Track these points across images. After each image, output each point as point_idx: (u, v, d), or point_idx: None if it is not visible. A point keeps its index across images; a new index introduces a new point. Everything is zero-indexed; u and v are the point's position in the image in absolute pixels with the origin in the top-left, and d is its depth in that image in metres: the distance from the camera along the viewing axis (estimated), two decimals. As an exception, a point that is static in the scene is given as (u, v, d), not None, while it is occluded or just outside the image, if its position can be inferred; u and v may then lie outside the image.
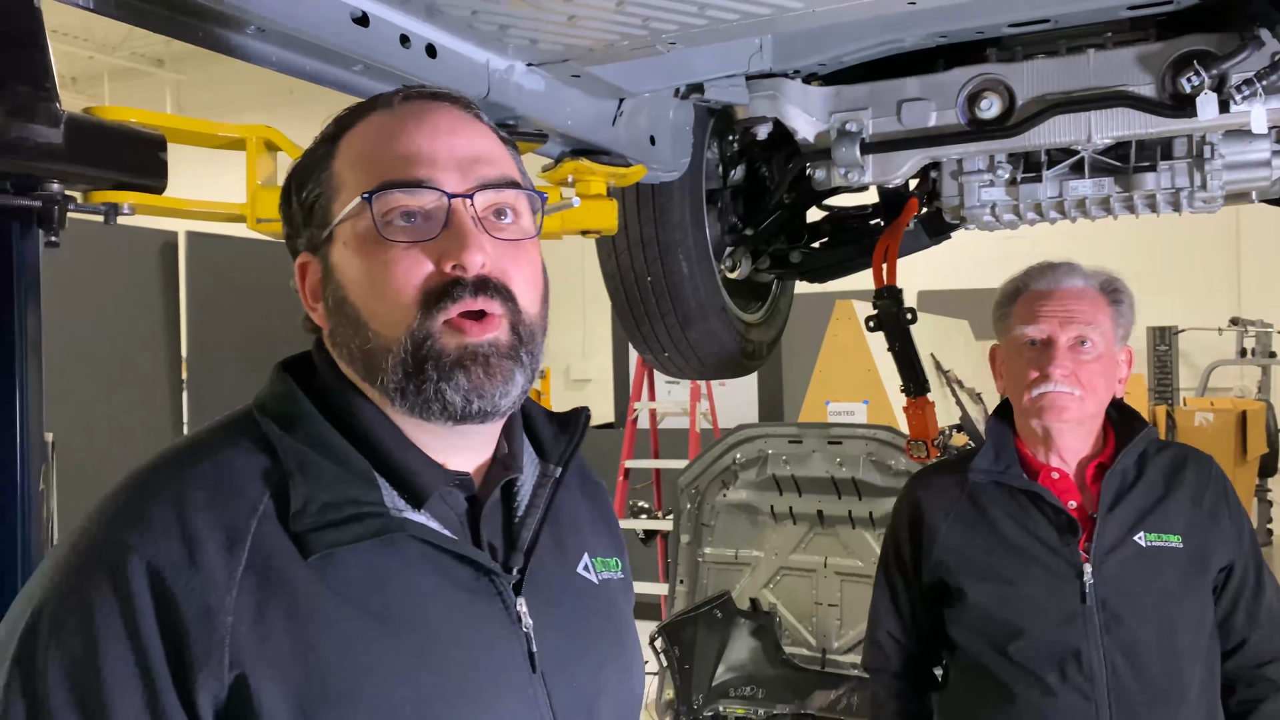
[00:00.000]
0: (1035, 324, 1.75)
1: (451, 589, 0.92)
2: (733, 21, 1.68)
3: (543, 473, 1.02)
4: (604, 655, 1.03)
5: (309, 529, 0.87)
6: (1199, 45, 2.15)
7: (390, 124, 0.95)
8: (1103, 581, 1.70)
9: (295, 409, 0.93)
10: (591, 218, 2.19)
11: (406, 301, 0.90)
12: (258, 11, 1.40)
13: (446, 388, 0.90)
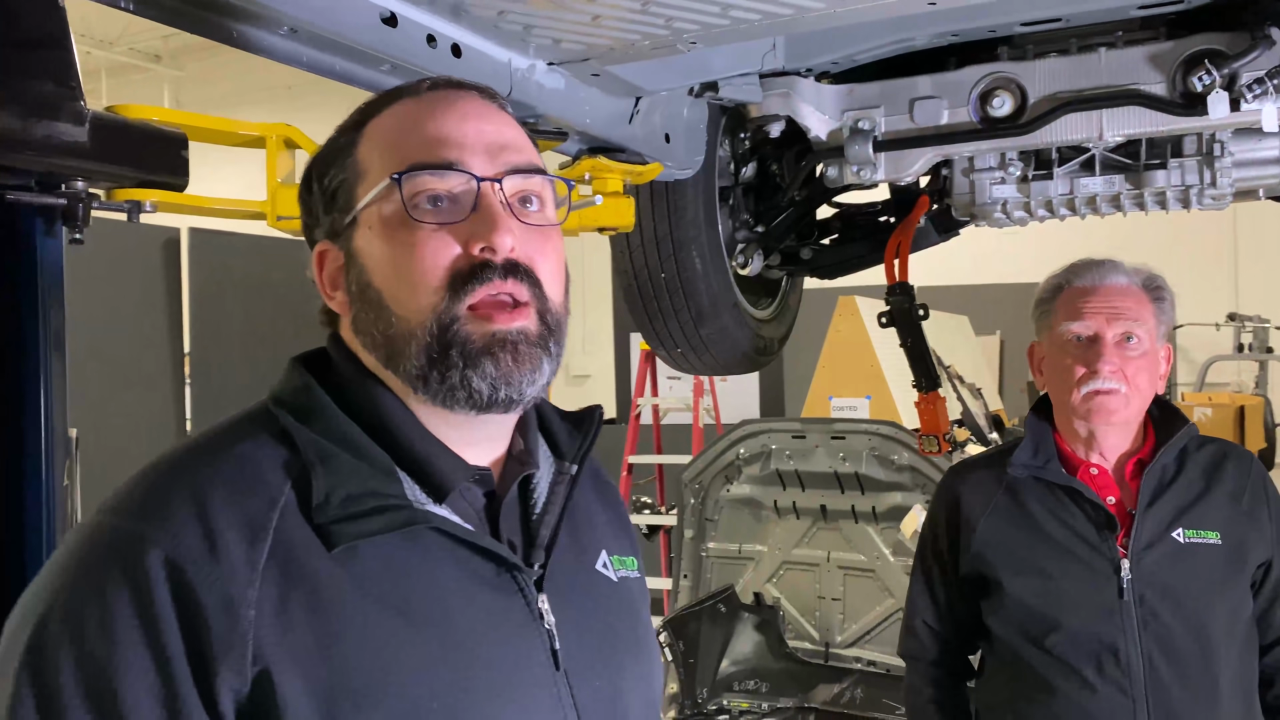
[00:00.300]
0: (1081, 320, 1.75)
1: (473, 584, 0.90)
2: (754, 21, 1.71)
3: (558, 470, 1.01)
4: (625, 655, 1.01)
5: (332, 521, 0.85)
6: (1210, 44, 2.17)
7: (417, 110, 0.94)
8: (1140, 577, 1.70)
9: (312, 402, 0.91)
10: (609, 215, 2.21)
11: (433, 284, 0.89)
12: (291, 13, 1.42)
13: (473, 375, 0.89)
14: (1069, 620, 1.73)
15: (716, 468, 4.81)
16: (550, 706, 0.92)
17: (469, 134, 0.93)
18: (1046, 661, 1.74)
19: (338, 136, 0.97)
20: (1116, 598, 1.71)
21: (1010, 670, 1.80)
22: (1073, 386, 1.73)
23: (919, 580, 1.95)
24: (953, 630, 1.93)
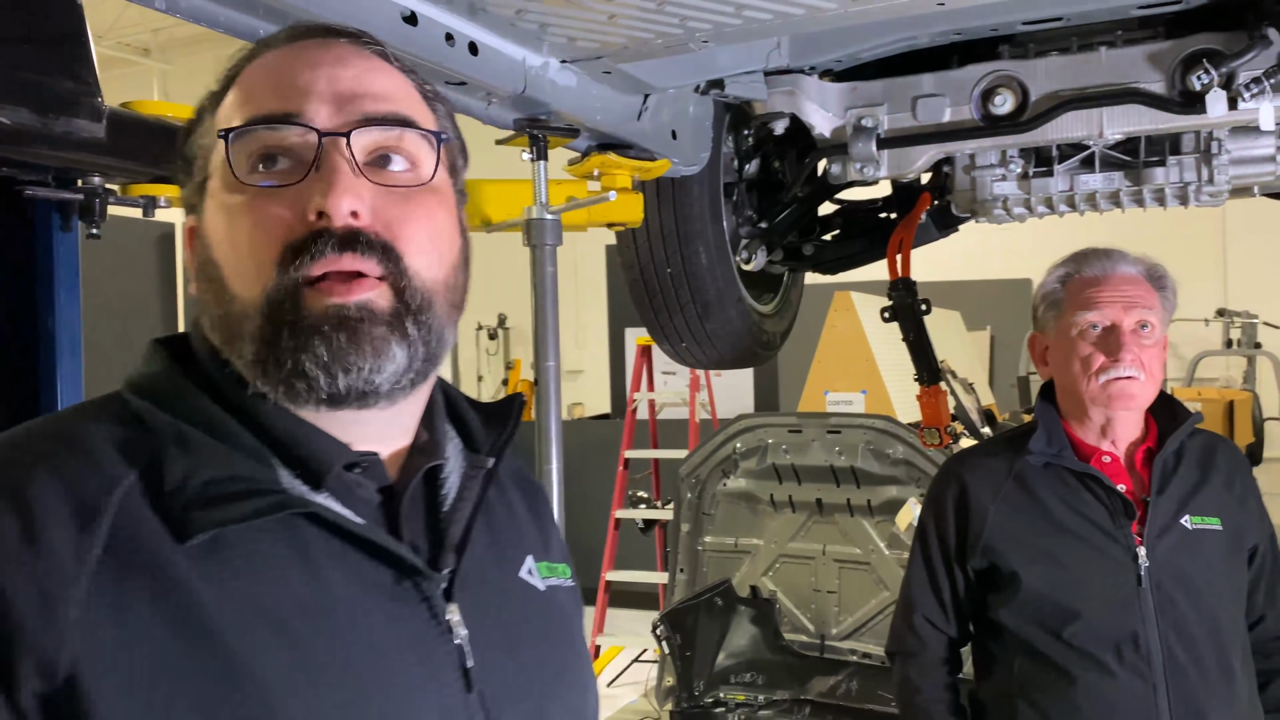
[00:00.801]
0: (1098, 309, 1.76)
1: (365, 591, 0.76)
2: (767, 21, 1.74)
3: (472, 464, 0.88)
4: (552, 673, 0.88)
5: (188, 506, 0.72)
6: (1208, 44, 2.21)
7: (274, 61, 0.82)
8: (1156, 564, 1.72)
9: (172, 385, 0.79)
10: (618, 211, 2.24)
11: (264, 257, 0.76)
12: (316, 12, 1.44)
13: (304, 358, 0.75)
14: (1088, 609, 1.72)
15: (713, 462, 4.84)
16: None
17: (318, 81, 0.79)
18: (1064, 651, 1.73)
19: (202, 101, 0.85)
20: (1135, 585, 1.71)
21: (1023, 662, 1.78)
22: (1091, 375, 1.74)
23: (920, 574, 1.91)
24: (954, 625, 1.90)
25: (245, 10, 1.43)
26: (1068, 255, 1.88)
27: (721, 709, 4.52)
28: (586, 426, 8.39)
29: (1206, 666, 1.72)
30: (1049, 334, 1.85)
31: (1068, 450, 1.80)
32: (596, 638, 5.92)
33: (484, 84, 1.80)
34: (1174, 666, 1.70)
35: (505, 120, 2.01)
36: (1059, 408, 1.85)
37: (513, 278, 10.55)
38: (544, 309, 2.01)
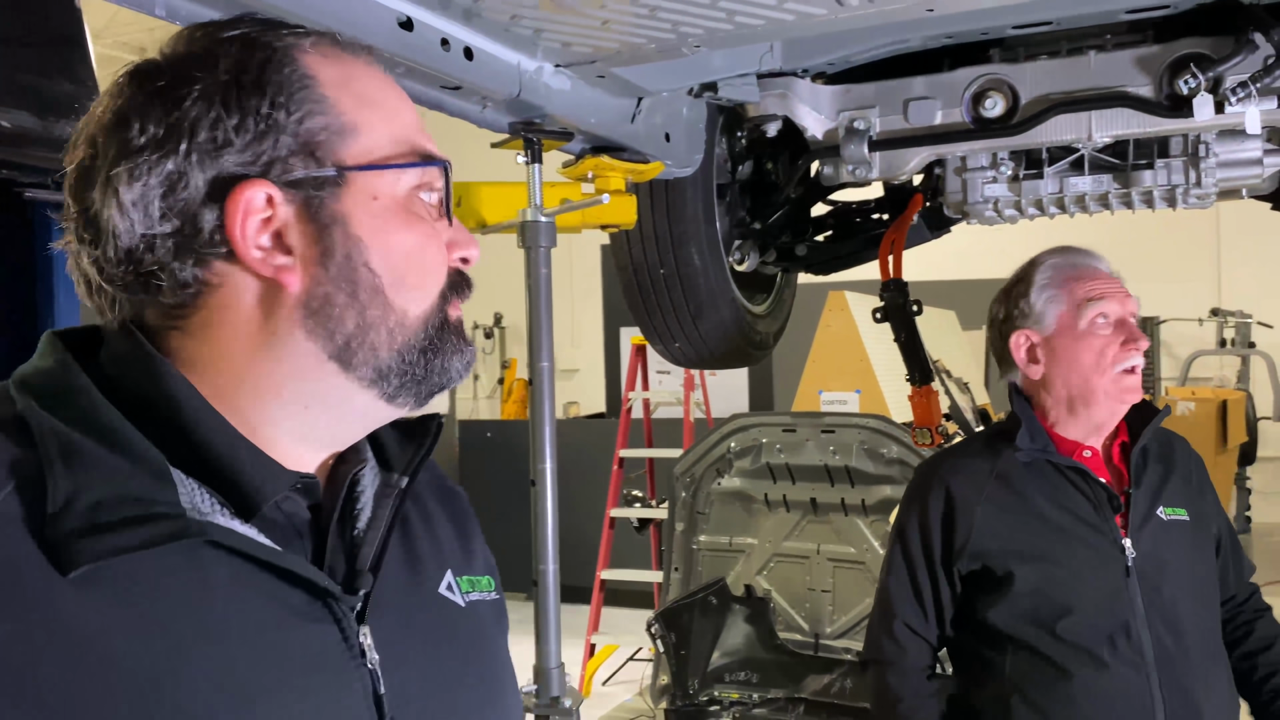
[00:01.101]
0: (1105, 301, 1.77)
1: (275, 615, 0.74)
2: (759, 26, 1.76)
3: (385, 483, 0.87)
4: (472, 691, 0.87)
5: (70, 534, 0.66)
6: (1196, 48, 2.23)
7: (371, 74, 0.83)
8: (1141, 554, 1.74)
9: (67, 383, 0.73)
10: (611, 213, 2.26)
11: (439, 281, 0.81)
12: (314, 18, 1.46)
13: (455, 362, 0.82)
14: (1080, 602, 1.73)
15: (707, 461, 4.86)
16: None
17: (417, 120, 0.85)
18: (1058, 647, 1.72)
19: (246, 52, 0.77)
20: (1124, 576, 1.73)
21: (1016, 661, 1.76)
22: (1106, 368, 1.75)
23: (900, 580, 1.87)
24: (935, 631, 1.87)
25: (243, 16, 1.44)
26: (1043, 253, 1.88)
27: (716, 707, 4.53)
28: (582, 426, 8.41)
29: (1193, 653, 1.74)
30: (1043, 330, 1.82)
31: (1051, 447, 1.81)
32: (592, 636, 5.93)
33: (479, 88, 1.83)
34: (1164, 655, 1.71)
35: (500, 124, 2.03)
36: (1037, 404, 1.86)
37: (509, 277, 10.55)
38: (538, 310, 2.03)
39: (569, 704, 2.10)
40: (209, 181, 0.74)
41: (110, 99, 0.77)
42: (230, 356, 0.77)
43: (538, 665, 2.14)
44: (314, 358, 0.77)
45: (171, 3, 1.36)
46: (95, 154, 0.76)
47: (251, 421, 0.77)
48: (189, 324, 0.77)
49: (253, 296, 0.77)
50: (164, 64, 0.77)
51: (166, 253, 0.75)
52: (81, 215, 0.76)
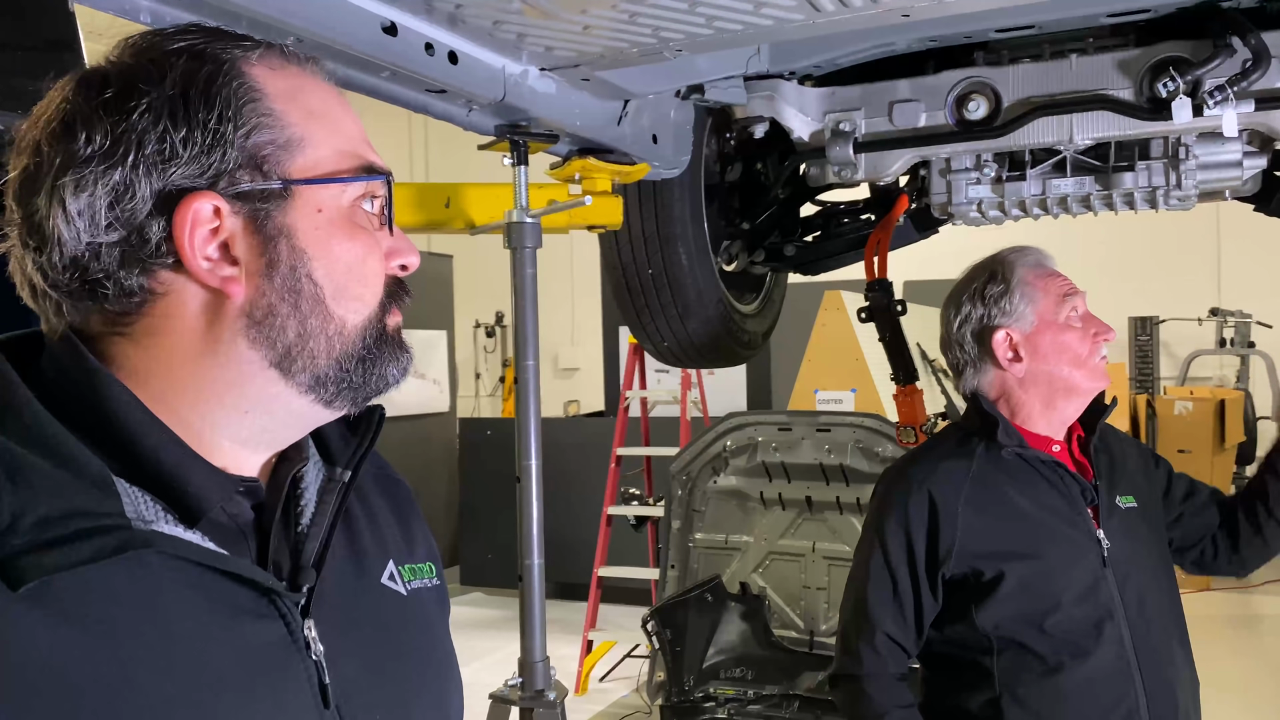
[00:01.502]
0: (1075, 296, 1.84)
1: (219, 617, 0.76)
2: (738, 31, 1.79)
3: (329, 477, 0.89)
4: (415, 677, 0.90)
5: (17, 552, 0.68)
6: (1175, 51, 2.26)
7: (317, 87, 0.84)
8: (1113, 544, 1.78)
9: (10, 398, 0.74)
10: (598, 214, 2.29)
11: (377, 292, 0.84)
12: (298, 24, 1.49)
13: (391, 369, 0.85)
14: (1066, 596, 1.74)
15: (704, 459, 4.88)
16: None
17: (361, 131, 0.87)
18: (1046, 642, 1.73)
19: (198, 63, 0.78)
20: (1101, 565, 1.76)
21: (1005, 661, 1.76)
22: (1085, 359, 1.80)
23: (882, 589, 1.81)
24: (913, 639, 1.83)
25: (229, 21, 1.47)
26: (1008, 253, 1.90)
27: (711, 704, 4.55)
28: (581, 424, 8.43)
29: (1166, 638, 1.78)
30: (1024, 327, 1.83)
31: (1025, 444, 1.82)
32: (589, 633, 5.96)
33: (464, 92, 1.85)
34: (1141, 642, 1.74)
35: (486, 126, 2.06)
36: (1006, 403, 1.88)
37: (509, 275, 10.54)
38: (523, 309, 2.06)
39: (553, 697, 2.13)
40: (156, 193, 0.76)
41: (56, 107, 0.77)
42: (173, 363, 0.78)
43: (523, 659, 2.16)
44: (255, 365, 0.79)
45: (156, 8, 1.39)
46: (41, 161, 0.76)
47: (194, 427, 0.79)
48: (133, 330, 0.78)
49: (197, 305, 0.78)
50: (111, 73, 0.78)
51: (112, 261, 0.76)
52: (26, 221, 0.77)
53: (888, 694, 1.79)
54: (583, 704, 5.71)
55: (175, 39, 0.79)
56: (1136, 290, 10.55)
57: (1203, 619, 7.09)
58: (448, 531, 8.49)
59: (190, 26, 0.82)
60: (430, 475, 8.37)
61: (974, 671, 1.78)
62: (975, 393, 1.89)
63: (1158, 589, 1.82)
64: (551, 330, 12.23)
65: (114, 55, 0.80)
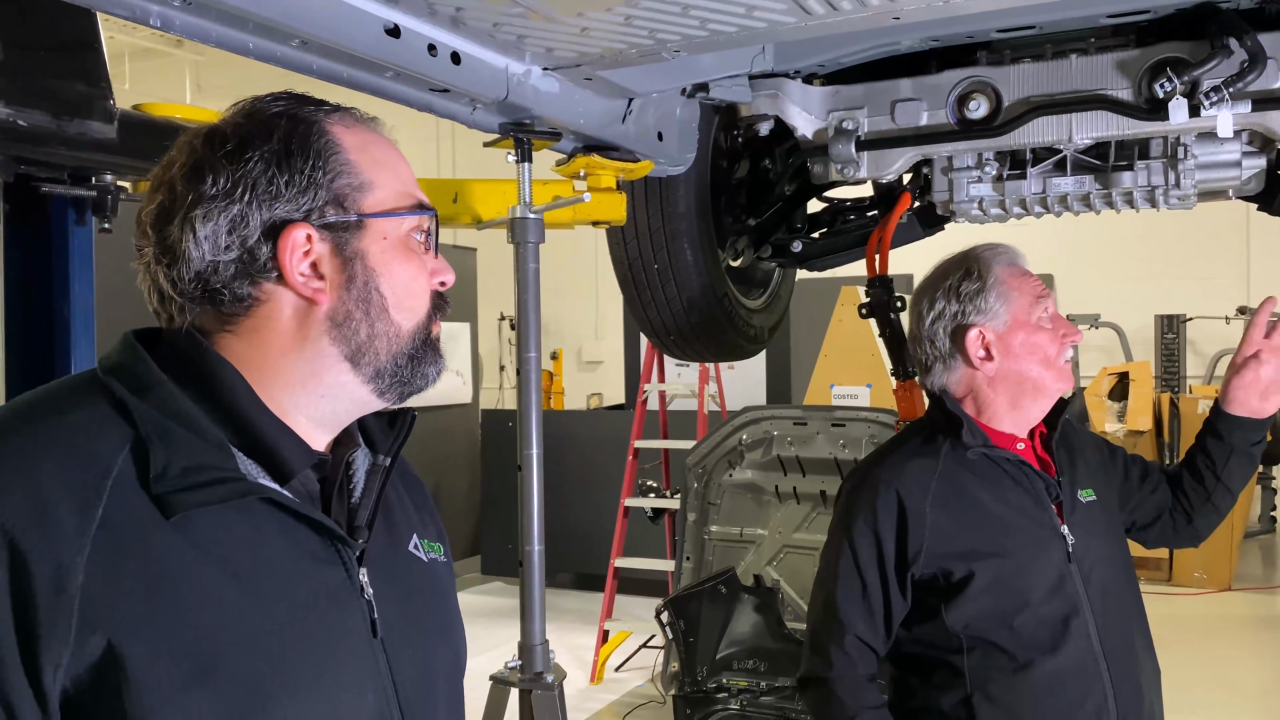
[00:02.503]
0: (1045, 297, 1.86)
1: (302, 555, 0.98)
2: (731, 33, 1.83)
3: (374, 462, 1.10)
4: (434, 628, 1.12)
5: (170, 491, 0.90)
6: (1174, 52, 2.27)
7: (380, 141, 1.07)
8: (1077, 540, 1.80)
9: (149, 377, 0.96)
10: (602, 209, 2.34)
11: (425, 303, 1.06)
12: (302, 28, 1.55)
13: (431, 370, 1.07)
14: (1034, 593, 1.75)
15: (720, 453, 4.92)
16: (369, 671, 1.01)
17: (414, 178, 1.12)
18: (1016, 639, 1.74)
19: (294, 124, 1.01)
20: (1066, 561, 1.78)
21: (975, 660, 1.76)
22: (1054, 359, 1.83)
23: (851, 590, 1.80)
24: (883, 640, 1.83)
25: (236, 27, 1.54)
26: (981, 247, 1.90)
27: (724, 695, 4.58)
28: (601, 417, 8.48)
29: (1129, 630, 1.81)
30: (997, 326, 1.84)
31: (990, 443, 1.83)
32: (605, 623, 6.02)
33: (467, 91, 1.91)
34: (1107, 635, 1.76)
35: (490, 124, 2.11)
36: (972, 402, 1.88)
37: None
38: (525, 303, 2.11)
39: (551, 679, 2.18)
40: (264, 223, 0.99)
41: (186, 155, 1.00)
42: (270, 355, 1.01)
43: (523, 642, 2.22)
44: (333, 358, 1.02)
45: (166, 13, 1.45)
46: (174, 197, 0.98)
47: (282, 405, 1.01)
48: (239, 328, 1.01)
49: (291, 310, 1.01)
50: (229, 131, 1.00)
51: (229, 274, 0.99)
52: (160, 244, 0.99)
53: (857, 695, 1.79)
54: (598, 692, 5.77)
55: (275, 104, 1.03)
56: (1163, 288, 10.48)
57: (1222, 619, 7.05)
58: (469, 521, 8.57)
59: (283, 95, 1.05)
60: (452, 466, 8.46)
61: (945, 671, 1.78)
62: (943, 390, 1.89)
63: (1119, 581, 1.84)
64: (576, 324, 12.30)
65: (227, 116, 1.03)
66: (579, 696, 5.70)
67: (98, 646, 0.85)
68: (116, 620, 0.86)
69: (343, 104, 1.09)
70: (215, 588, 0.91)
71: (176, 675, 0.87)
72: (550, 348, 11.68)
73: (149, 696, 0.86)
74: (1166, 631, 6.52)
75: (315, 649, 0.96)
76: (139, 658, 0.86)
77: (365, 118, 1.08)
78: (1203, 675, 5.80)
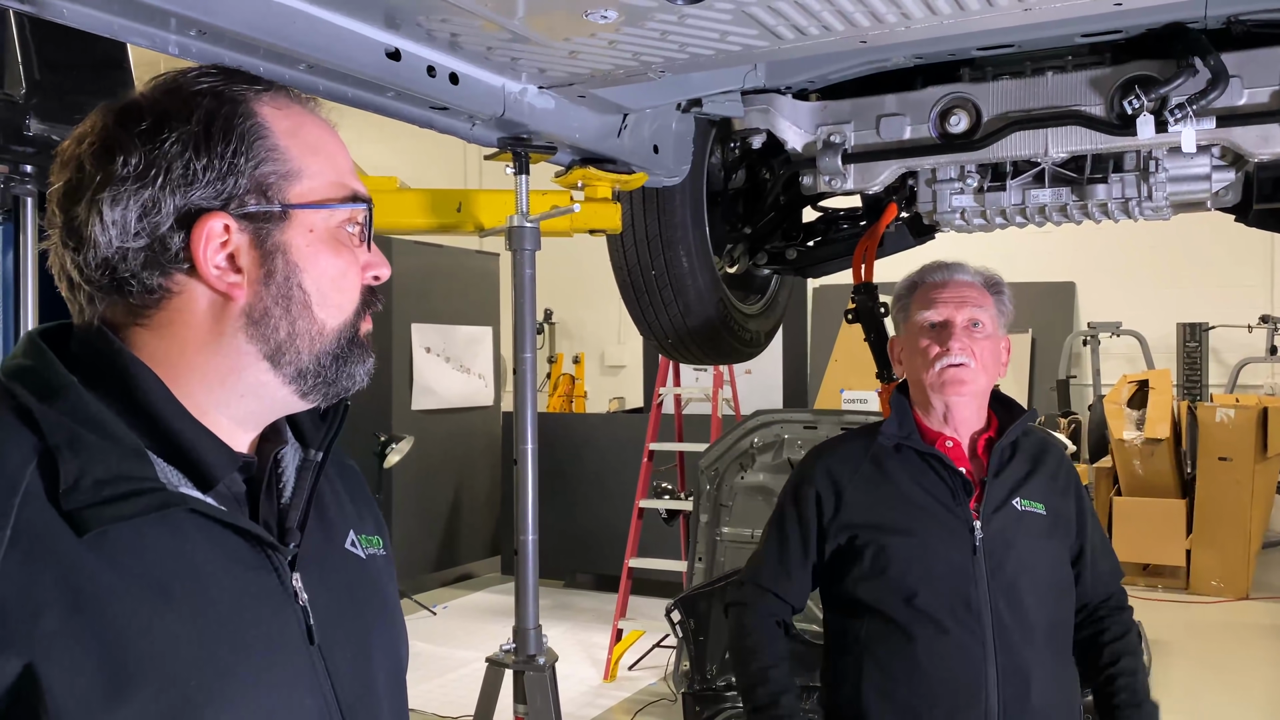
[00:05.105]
0: (934, 309, 2.01)
1: (230, 564, 0.92)
2: (710, 56, 1.96)
3: (305, 458, 1.05)
4: (373, 626, 1.07)
5: (82, 505, 0.84)
6: (1144, 70, 2.38)
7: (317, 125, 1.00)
8: (989, 535, 1.95)
9: (56, 380, 0.89)
10: (598, 219, 2.47)
11: (354, 300, 0.99)
12: (309, 53, 1.69)
13: (359, 369, 1.00)
14: (931, 576, 1.93)
15: (731, 456, 5.01)
16: (307, 679, 0.96)
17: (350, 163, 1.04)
18: (910, 614, 1.92)
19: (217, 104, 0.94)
20: (970, 554, 1.94)
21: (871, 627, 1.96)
22: (929, 365, 1.98)
23: (772, 545, 2.10)
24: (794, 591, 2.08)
25: (248, 53, 1.68)
26: (918, 267, 2.09)
27: (733, 693, 4.65)
28: (620, 420, 8.61)
29: (1030, 627, 1.94)
30: (900, 334, 2.08)
31: (915, 435, 2.03)
32: (619, 622, 6.13)
33: (465, 109, 2.04)
34: (1000, 626, 1.92)
35: (489, 139, 2.25)
36: (911, 400, 2.07)
37: (560, 274, 10.80)
38: (522, 307, 2.25)
39: (543, 662, 2.31)
40: (178, 209, 0.91)
41: (98, 131, 0.93)
42: (185, 351, 0.94)
43: (517, 626, 2.35)
44: (251, 356, 0.95)
45: (183, 41, 1.59)
46: (83, 176, 0.91)
47: (201, 405, 0.95)
48: (151, 321, 0.94)
49: (206, 304, 0.94)
50: (145, 107, 0.93)
51: (138, 263, 0.91)
52: (66, 225, 0.93)
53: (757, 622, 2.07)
54: (611, 690, 5.89)
55: (200, 80, 0.95)
56: (1186, 296, 10.46)
57: (1240, 627, 7.06)
58: (489, 522, 8.72)
59: (211, 68, 0.98)
60: (473, 467, 8.61)
61: (849, 637, 2.01)
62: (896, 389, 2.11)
63: (1038, 588, 1.96)
64: (599, 328, 12.43)
65: (148, 90, 0.96)
66: (592, 694, 5.82)
67: (14, 669, 0.80)
68: (33, 640, 0.81)
69: None
70: (136, 602, 0.85)
71: (97, 694, 0.82)
72: (573, 352, 11.83)
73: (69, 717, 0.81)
74: (1183, 639, 6.58)
75: (246, 658, 0.91)
76: (57, 678, 0.81)
77: (301, 98, 1.00)
78: (1218, 683, 5.85)
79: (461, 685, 5.75)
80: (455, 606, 7.61)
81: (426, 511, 8.08)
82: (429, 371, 8.16)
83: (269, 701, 0.92)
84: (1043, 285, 10.60)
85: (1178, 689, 5.67)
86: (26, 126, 2.16)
